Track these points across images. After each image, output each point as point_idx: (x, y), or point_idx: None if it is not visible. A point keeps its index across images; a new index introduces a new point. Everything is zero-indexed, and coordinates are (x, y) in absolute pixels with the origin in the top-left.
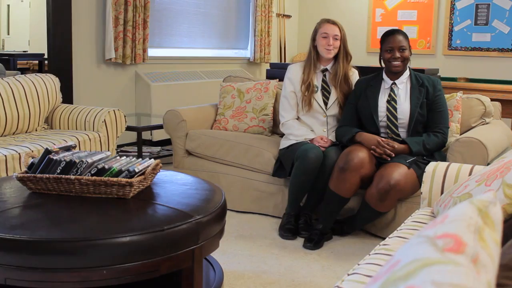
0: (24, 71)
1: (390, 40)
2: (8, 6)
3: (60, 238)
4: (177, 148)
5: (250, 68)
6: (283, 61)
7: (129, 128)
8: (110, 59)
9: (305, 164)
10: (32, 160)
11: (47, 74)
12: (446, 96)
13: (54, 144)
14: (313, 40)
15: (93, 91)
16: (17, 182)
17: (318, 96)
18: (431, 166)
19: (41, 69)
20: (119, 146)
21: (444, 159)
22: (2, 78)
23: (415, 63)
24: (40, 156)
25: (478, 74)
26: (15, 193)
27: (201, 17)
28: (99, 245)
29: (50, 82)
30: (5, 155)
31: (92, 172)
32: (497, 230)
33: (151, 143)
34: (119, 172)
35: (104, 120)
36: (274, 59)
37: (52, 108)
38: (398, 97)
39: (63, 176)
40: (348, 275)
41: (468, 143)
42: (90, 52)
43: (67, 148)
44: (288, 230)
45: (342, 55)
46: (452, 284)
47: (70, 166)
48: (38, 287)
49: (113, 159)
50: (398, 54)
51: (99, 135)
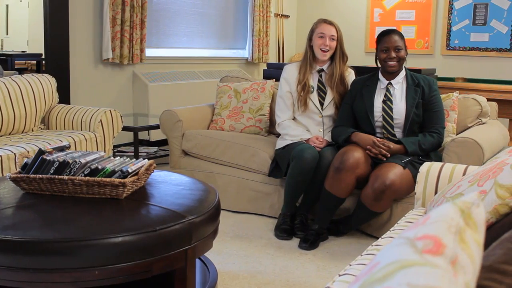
0: (22, 71)
1: (386, 40)
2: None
3: (52, 239)
4: (174, 148)
5: (248, 68)
6: (282, 61)
7: (126, 128)
8: (108, 59)
9: (301, 164)
10: (26, 161)
11: (44, 74)
12: (442, 96)
13: (50, 144)
14: (310, 40)
15: (91, 91)
16: (11, 183)
17: (314, 97)
18: (425, 166)
19: (39, 69)
20: (116, 146)
21: (440, 159)
22: None
23: (414, 63)
24: (34, 157)
25: (477, 74)
26: (9, 194)
27: (199, 17)
28: (91, 246)
29: (47, 82)
30: (1, 156)
31: (86, 173)
32: (480, 232)
33: (149, 143)
34: (112, 173)
35: (100, 120)
36: (273, 59)
37: (49, 108)
38: (394, 97)
39: (56, 177)
40: (339, 276)
41: (464, 143)
42: (88, 52)
43: (61, 149)
44: (284, 231)
45: (339, 56)
46: (427, 286)
47: (64, 167)
48: None
49: (107, 160)
50: (394, 54)
51: (95, 135)
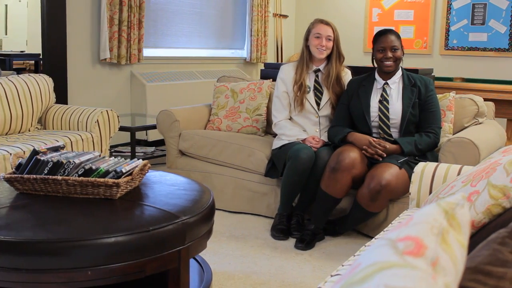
0: (21, 71)
1: (382, 40)
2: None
3: (45, 239)
4: (171, 148)
5: (247, 68)
6: (280, 61)
7: (122, 129)
8: (105, 59)
9: (297, 164)
10: (20, 161)
11: (41, 74)
12: (439, 96)
13: (46, 144)
14: (306, 40)
15: (88, 91)
16: (5, 183)
17: (311, 97)
18: (420, 167)
19: (38, 69)
20: (114, 147)
21: (437, 160)
22: None
23: (412, 63)
24: (28, 157)
25: (475, 74)
26: (2, 194)
27: (197, 17)
28: (84, 246)
29: (44, 83)
30: None
31: (79, 173)
32: (464, 233)
33: (146, 143)
34: (106, 173)
35: (97, 121)
36: (271, 59)
37: (46, 109)
38: (390, 97)
39: (50, 177)
40: (331, 276)
41: (460, 143)
42: (85, 52)
43: (55, 149)
44: (280, 231)
45: (335, 56)
46: None
47: (58, 167)
48: None
49: (101, 160)
50: (390, 54)
51: (92, 136)
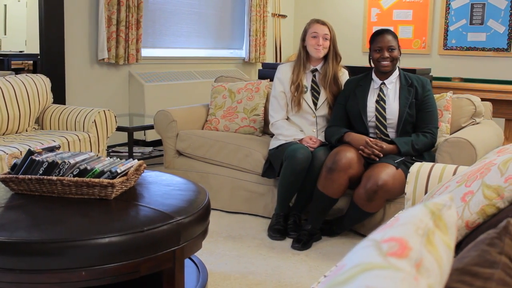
0: (19, 72)
1: (379, 40)
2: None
3: (39, 239)
4: (168, 149)
5: (245, 68)
6: (279, 61)
7: (120, 129)
8: (103, 59)
9: (294, 165)
10: (15, 161)
11: (38, 75)
12: (436, 96)
13: (43, 144)
14: (303, 41)
15: (86, 92)
16: (0, 183)
17: (308, 97)
18: (416, 167)
19: (36, 70)
20: (112, 147)
21: (434, 160)
22: None
23: (411, 63)
24: (23, 157)
25: (474, 74)
26: None
27: (196, 17)
28: (78, 246)
29: (41, 83)
30: None
31: (74, 173)
32: (450, 234)
33: (145, 144)
34: (101, 173)
35: (94, 121)
36: (270, 59)
37: (43, 109)
38: (387, 97)
39: (45, 177)
40: (325, 277)
41: (457, 143)
42: (83, 52)
43: (51, 149)
44: (277, 231)
45: (332, 56)
46: None
47: (53, 167)
48: None
49: (96, 160)
50: (387, 54)
51: (89, 136)
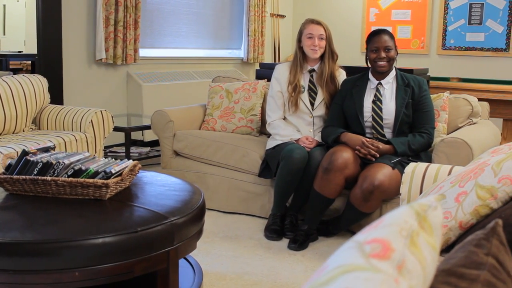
0: (17, 72)
1: (376, 40)
2: (4, 6)
3: (32, 240)
4: (165, 149)
5: (244, 68)
6: (278, 61)
7: (117, 129)
8: (101, 60)
9: (290, 165)
10: (10, 161)
11: (35, 75)
12: (433, 96)
13: (39, 145)
14: (299, 41)
15: (84, 92)
16: None
17: (305, 97)
18: (410, 167)
19: (34, 70)
20: (109, 147)
21: (430, 160)
22: None
23: (409, 63)
24: (18, 158)
25: (472, 74)
26: None
27: (194, 17)
28: (72, 247)
29: (38, 83)
30: None
31: (69, 173)
32: (435, 235)
33: (143, 144)
34: (96, 174)
35: (91, 121)
36: (268, 59)
37: (40, 109)
38: (384, 97)
39: (39, 178)
40: None
41: (453, 144)
42: (81, 53)
43: (46, 149)
44: (274, 231)
45: (328, 55)
46: None
47: (47, 167)
48: None
49: (91, 160)
50: (384, 54)
51: (86, 136)
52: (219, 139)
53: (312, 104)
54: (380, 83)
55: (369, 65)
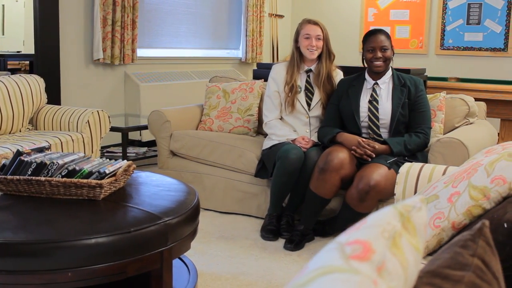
0: (15, 72)
1: (372, 40)
2: (3, 6)
3: (25, 240)
4: (162, 149)
5: (242, 68)
6: (276, 61)
7: (113, 129)
8: (99, 60)
9: (286, 165)
10: (4, 162)
11: (32, 75)
12: (430, 96)
13: (35, 145)
14: (296, 42)
15: (82, 92)
16: None
17: (301, 97)
18: (405, 167)
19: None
20: (106, 147)
21: (427, 160)
22: None
23: (408, 63)
24: (12, 158)
25: (471, 74)
26: None
27: (192, 17)
28: (64, 247)
29: (35, 83)
30: None
31: (63, 174)
32: (419, 236)
33: (140, 144)
34: (90, 174)
35: (88, 121)
36: (267, 59)
37: (37, 109)
38: (380, 97)
39: (33, 178)
40: None
41: (449, 144)
42: (78, 53)
43: (40, 150)
44: (270, 231)
45: (325, 55)
46: None
47: (41, 168)
48: None
49: (85, 161)
50: (380, 54)
51: (83, 136)
52: (216, 139)
53: (309, 105)
54: (377, 83)
55: (366, 65)
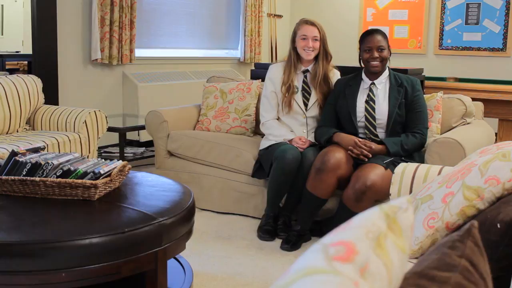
0: (14, 72)
1: (369, 40)
2: (2, 6)
3: (18, 241)
4: (159, 149)
5: (241, 68)
6: (275, 61)
7: (111, 129)
8: (96, 60)
9: (283, 165)
10: None
11: (29, 75)
12: (427, 96)
13: (31, 145)
14: (293, 42)
15: (80, 92)
16: None
17: (298, 97)
18: (401, 167)
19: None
20: (104, 147)
21: (423, 160)
22: None
23: (406, 63)
24: (7, 158)
25: (469, 74)
26: None
27: (190, 17)
28: (58, 248)
29: (32, 83)
30: None
31: (58, 174)
32: (405, 237)
33: (139, 144)
34: (85, 174)
35: (85, 121)
36: (265, 59)
37: (34, 109)
38: (377, 97)
39: (28, 178)
40: None
41: (446, 144)
42: (76, 53)
43: (35, 150)
44: (266, 231)
45: (322, 56)
46: None
47: (36, 168)
48: None
49: (80, 161)
50: (377, 54)
51: (80, 136)
52: (213, 140)
53: (306, 105)
54: (373, 83)
55: (362, 65)
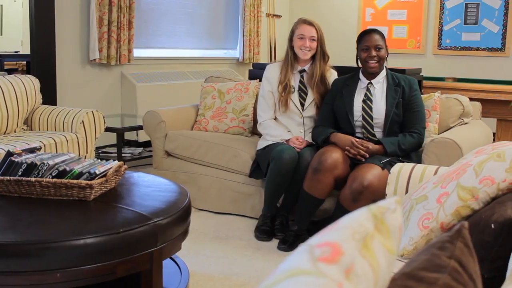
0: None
1: (366, 39)
2: (1, 6)
3: (13, 241)
4: (157, 149)
5: (239, 69)
6: (274, 61)
7: (108, 129)
8: (95, 60)
9: (280, 165)
10: None
11: (27, 75)
12: (424, 96)
13: (28, 145)
14: (290, 41)
15: (78, 92)
16: None
17: (295, 97)
18: (397, 168)
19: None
20: (102, 147)
21: (421, 160)
22: None
23: (405, 63)
24: (2, 158)
25: (468, 74)
26: None
27: (189, 17)
28: (53, 248)
29: (30, 83)
30: None
31: (53, 174)
32: (392, 238)
33: (137, 144)
34: (80, 174)
35: (82, 121)
36: (264, 59)
37: (32, 109)
38: (374, 97)
39: (24, 178)
40: None
41: (443, 144)
42: (74, 53)
43: (31, 150)
44: (264, 232)
45: (319, 56)
46: None
47: (32, 168)
48: None
49: (76, 161)
50: (374, 53)
51: (77, 136)
52: (210, 140)
53: (302, 105)
54: (371, 83)
55: (360, 65)
